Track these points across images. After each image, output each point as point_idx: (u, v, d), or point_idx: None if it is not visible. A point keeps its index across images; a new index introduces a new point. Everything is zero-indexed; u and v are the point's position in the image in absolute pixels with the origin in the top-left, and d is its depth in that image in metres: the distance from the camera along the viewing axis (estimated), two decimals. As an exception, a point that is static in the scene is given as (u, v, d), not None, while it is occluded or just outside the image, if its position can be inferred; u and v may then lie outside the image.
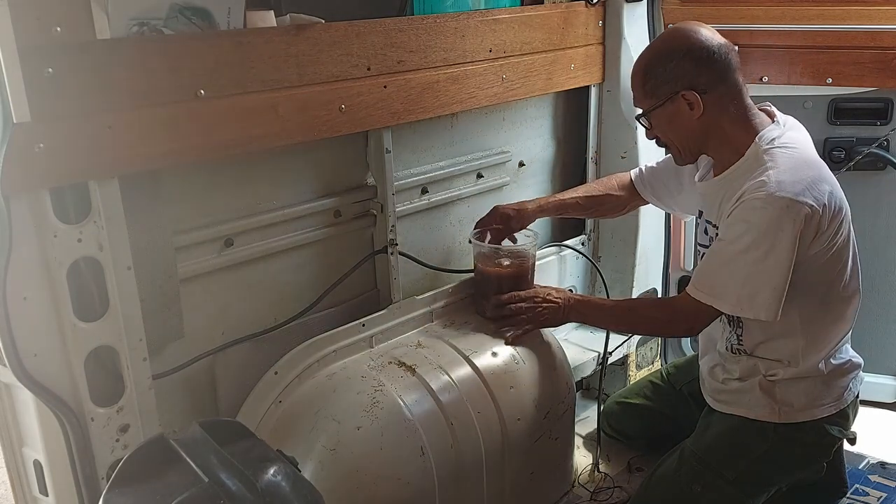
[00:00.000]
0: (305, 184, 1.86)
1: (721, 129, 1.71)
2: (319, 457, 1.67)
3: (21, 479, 1.53)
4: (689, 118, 1.69)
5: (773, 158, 1.64)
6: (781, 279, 1.61)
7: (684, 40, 1.68)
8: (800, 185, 1.60)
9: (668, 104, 1.69)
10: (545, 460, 2.05)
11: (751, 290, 1.63)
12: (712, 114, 1.69)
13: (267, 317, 1.84)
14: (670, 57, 1.68)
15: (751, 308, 1.64)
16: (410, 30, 1.85)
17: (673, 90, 1.67)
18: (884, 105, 2.33)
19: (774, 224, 1.58)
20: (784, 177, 1.61)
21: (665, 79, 1.68)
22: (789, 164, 1.64)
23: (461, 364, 1.92)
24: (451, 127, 2.16)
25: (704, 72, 1.66)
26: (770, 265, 1.60)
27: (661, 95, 1.69)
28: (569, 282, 2.56)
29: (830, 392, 1.77)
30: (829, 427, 1.78)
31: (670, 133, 1.75)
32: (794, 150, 1.68)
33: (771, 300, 1.62)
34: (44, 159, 1.31)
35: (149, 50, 1.43)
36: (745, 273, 1.63)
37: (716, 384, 1.87)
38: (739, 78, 1.69)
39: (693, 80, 1.66)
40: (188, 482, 1.14)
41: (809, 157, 1.69)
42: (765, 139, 1.68)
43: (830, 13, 2.25)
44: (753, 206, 1.60)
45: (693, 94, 1.66)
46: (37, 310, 1.37)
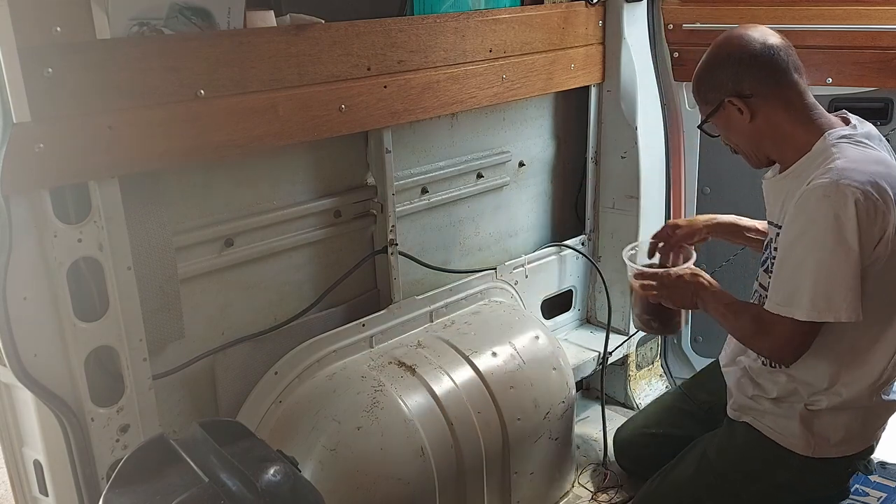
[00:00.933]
0: (305, 184, 1.86)
1: (780, 131, 1.64)
2: (319, 457, 1.67)
3: (21, 479, 1.53)
4: (742, 123, 1.65)
5: (840, 151, 1.56)
6: (855, 271, 1.49)
7: (728, 46, 1.65)
8: (866, 175, 1.50)
9: (721, 111, 1.66)
10: (545, 460, 2.05)
11: (826, 289, 1.50)
12: (766, 116, 1.63)
13: (267, 317, 1.84)
14: (716, 64, 1.65)
15: (829, 309, 1.50)
16: (410, 30, 1.85)
17: (720, 98, 1.65)
18: (884, 105, 2.33)
19: (840, 212, 1.47)
20: (850, 166, 1.51)
21: (712, 86, 1.66)
22: (858, 156, 1.54)
23: (461, 364, 1.92)
24: (451, 127, 2.16)
25: (748, 76, 1.61)
26: (841, 257, 1.48)
27: (713, 101, 1.67)
28: (569, 282, 2.56)
29: (868, 427, 1.69)
30: (857, 462, 1.72)
31: (732, 138, 1.71)
32: (867, 146, 1.59)
33: (850, 296, 1.49)
34: (44, 159, 1.31)
35: (149, 50, 1.43)
36: (815, 270, 1.50)
37: (744, 399, 1.78)
38: (793, 76, 1.62)
39: (737, 86, 1.62)
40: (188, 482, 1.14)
41: (882, 156, 1.60)
42: (834, 135, 1.60)
43: (830, 13, 2.25)
44: (815, 195, 1.51)
45: (737, 99, 1.62)
46: (37, 310, 1.37)
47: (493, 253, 2.37)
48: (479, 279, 2.23)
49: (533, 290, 2.43)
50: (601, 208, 2.54)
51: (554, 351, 2.10)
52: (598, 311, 2.63)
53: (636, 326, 1.98)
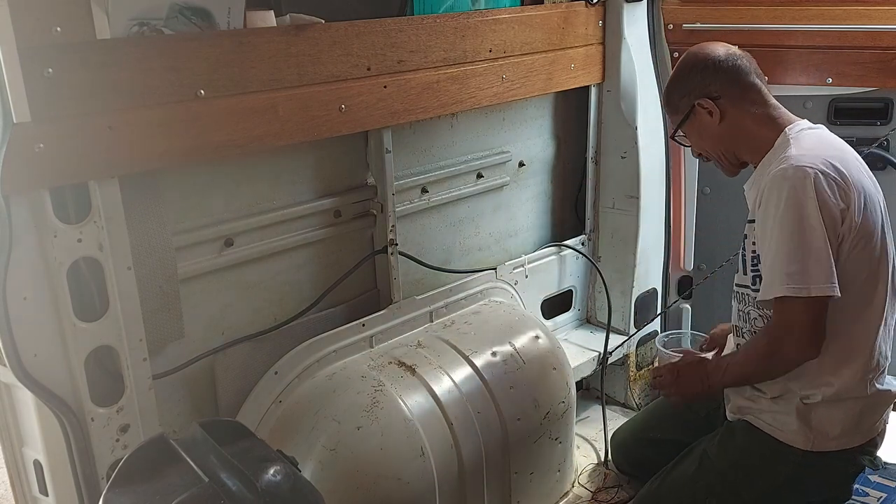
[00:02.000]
0: (305, 184, 1.86)
1: (746, 130, 1.75)
2: (319, 457, 1.67)
3: (21, 479, 1.53)
4: (713, 125, 1.76)
5: (797, 140, 1.67)
6: (822, 246, 1.55)
7: (694, 57, 1.78)
8: (822, 157, 1.61)
9: (692, 116, 1.79)
10: (545, 460, 2.05)
11: (800, 266, 1.56)
12: (733, 116, 1.75)
13: (267, 317, 1.84)
14: (684, 74, 1.79)
15: (805, 283, 1.55)
16: (410, 30, 1.85)
17: (690, 102, 1.77)
18: (884, 105, 2.33)
19: (800, 192, 1.56)
20: (806, 151, 1.63)
21: (681, 94, 1.79)
22: (813, 142, 1.66)
23: (461, 364, 1.92)
24: (451, 127, 2.16)
25: (712, 80, 1.74)
26: (806, 233, 1.56)
27: (683, 108, 1.80)
28: (569, 282, 2.56)
29: (866, 421, 1.70)
30: (860, 457, 1.73)
31: (704, 143, 1.82)
32: (821, 137, 1.70)
33: (822, 269, 1.55)
34: (44, 159, 1.31)
35: (149, 50, 1.43)
36: (787, 249, 1.58)
37: (741, 400, 1.80)
38: (755, 80, 1.75)
39: (705, 89, 1.75)
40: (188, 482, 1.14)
41: (835, 144, 1.70)
42: (794, 130, 1.71)
43: (830, 13, 2.25)
44: (775, 180, 1.61)
45: (707, 100, 1.74)
46: (37, 310, 1.37)
47: (493, 253, 2.37)
48: (479, 279, 2.23)
49: (533, 290, 2.43)
50: (601, 208, 2.54)
51: (554, 351, 2.10)
52: (598, 311, 2.62)
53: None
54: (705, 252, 2.64)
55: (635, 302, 2.54)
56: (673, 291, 2.70)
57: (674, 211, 2.60)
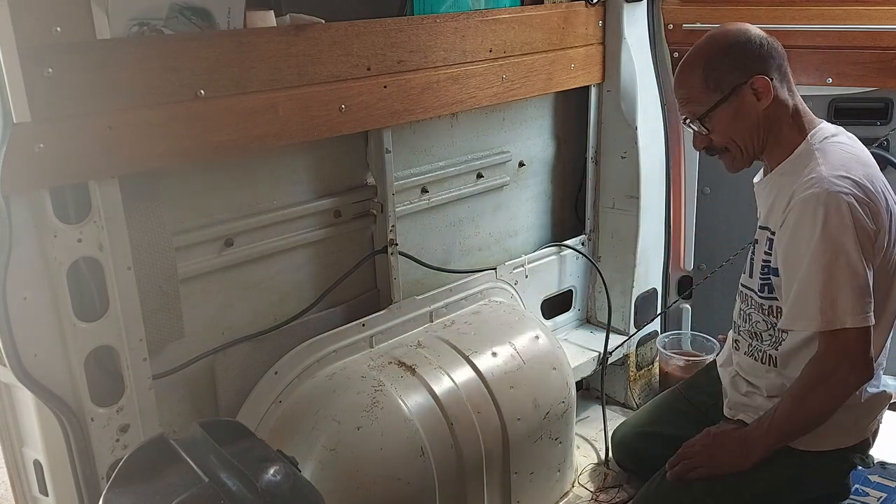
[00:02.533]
0: (305, 184, 1.86)
1: (780, 124, 1.65)
2: (319, 457, 1.67)
3: (21, 479, 1.53)
4: (755, 110, 1.62)
5: (823, 154, 1.58)
6: (860, 277, 1.50)
7: (740, 33, 1.63)
8: (853, 180, 1.53)
9: (734, 97, 1.62)
10: (545, 460, 2.05)
11: (831, 298, 1.51)
12: (777, 104, 1.63)
13: (267, 317, 1.84)
14: (732, 47, 1.62)
15: (836, 316, 1.52)
16: (410, 30, 1.85)
17: (741, 79, 1.61)
18: (884, 105, 2.33)
19: (836, 220, 1.50)
20: (836, 171, 1.54)
21: (731, 68, 1.61)
22: (842, 159, 1.57)
23: (461, 364, 1.92)
24: (451, 127, 2.16)
25: (768, 58, 1.61)
26: (843, 264, 1.50)
27: (727, 87, 1.62)
28: (569, 282, 2.56)
29: (859, 423, 1.71)
30: (852, 456, 1.73)
31: (733, 131, 1.65)
32: (846, 147, 1.62)
33: (855, 302, 1.51)
34: (44, 159, 1.31)
35: (149, 50, 1.43)
36: (820, 281, 1.52)
37: (738, 397, 1.80)
38: (790, 72, 1.66)
39: (761, 66, 1.60)
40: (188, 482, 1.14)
41: (863, 156, 1.63)
42: (817, 137, 1.63)
43: (830, 13, 2.25)
44: (808, 204, 1.53)
45: (763, 78, 1.60)
46: (37, 310, 1.37)
47: (493, 253, 2.37)
48: (479, 279, 2.23)
49: (533, 290, 2.43)
50: (601, 208, 2.54)
51: (554, 351, 2.10)
52: (598, 311, 2.62)
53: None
54: (705, 252, 2.64)
55: (635, 302, 2.54)
56: (673, 291, 2.70)
57: (674, 211, 2.60)
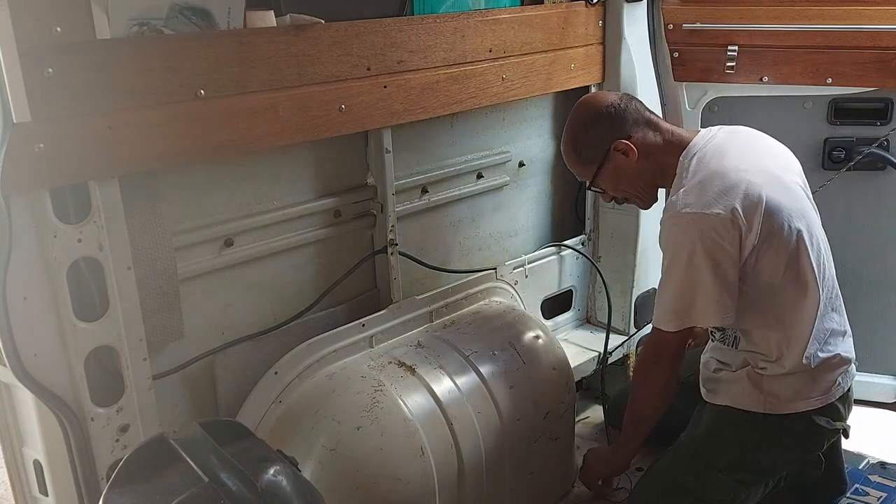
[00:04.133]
0: (305, 184, 1.86)
1: (657, 160, 1.83)
2: (319, 457, 1.67)
3: (21, 479, 1.53)
4: (629, 165, 1.82)
5: (687, 175, 1.75)
6: (709, 286, 1.68)
7: (590, 109, 1.86)
8: (704, 197, 1.69)
9: (606, 163, 1.83)
10: (545, 460, 2.05)
11: (685, 303, 1.72)
12: (645, 151, 1.82)
13: (267, 317, 1.84)
14: (587, 125, 1.84)
15: (690, 318, 1.73)
16: (410, 30, 1.85)
17: (605, 146, 1.82)
18: (884, 105, 2.33)
19: (685, 238, 1.69)
20: (690, 194, 1.71)
21: (595, 142, 1.83)
22: (699, 177, 1.73)
23: (461, 364, 1.92)
24: (451, 127, 2.16)
25: (619, 122, 1.82)
26: (693, 276, 1.69)
27: (597, 157, 1.84)
28: (569, 282, 2.56)
29: (817, 386, 1.78)
30: (817, 418, 1.79)
31: (622, 185, 1.88)
32: (711, 159, 1.76)
33: (706, 307, 1.70)
34: (44, 159, 1.31)
35: (149, 50, 1.43)
36: (674, 289, 1.73)
37: (708, 373, 1.91)
38: (650, 114, 1.86)
39: (616, 132, 1.81)
40: (188, 482, 1.15)
41: (723, 165, 1.74)
42: (687, 156, 1.79)
43: (830, 13, 2.25)
44: (666, 227, 1.75)
45: (622, 142, 1.80)
46: (37, 310, 1.37)
47: (493, 253, 2.37)
48: (479, 279, 2.23)
49: (533, 290, 2.43)
50: (601, 208, 2.54)
51: (554, 351, 2.10)
52: (597, 311, 2.63)
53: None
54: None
55: (635, 302, 2.54)
56: (673, 291, 2.70)
57: (674, 211, 2.59)
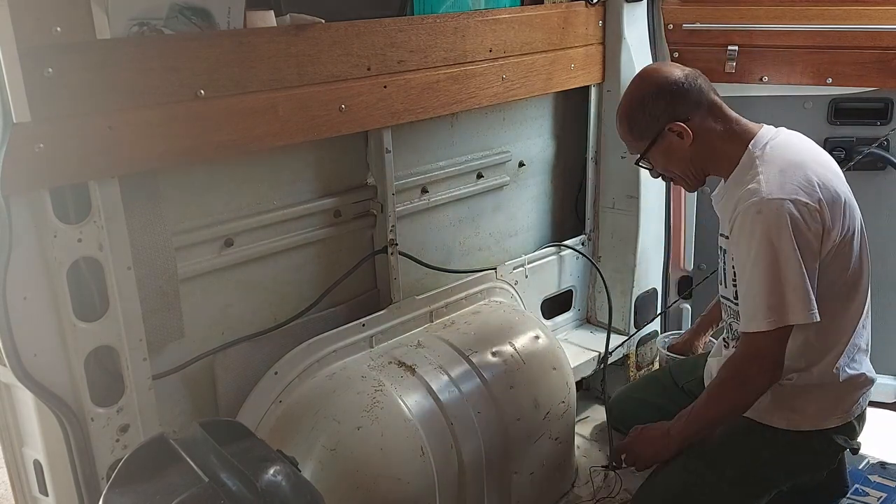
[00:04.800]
0: (305, 184, 1.86)
1: (714, 147, 1.76)
2: (319, 457, 1.67)
3: (21, 479, 1.53)
4: (682, 147, 1.75)
5: (763, 163, 1.68)
6: (799, 278, 1.59)
7: (653, 83, 1.77)
8: (789, 185, 1.62)
9: (659, 141, 1.76)
10: (545, 460, 2.05)
11: (777, 299, 1.61)
12: (702, 136, 1.75)
13: (267, 317, 1.84)
14: (644, 100, 1.76)
15: (783, 315, 1.62)
16: (410, 30, 1.85)
17: (659, 127, 1.75)
18: (884, 105, 2.33)
19: (772, 225, 1.60)
20: (773, 180, 1.64)
21: (649, 119, 1.75)
22: (779, 166, 1.67)
23: (461, 364, 1.92)
24: (451, 127, 2.16)
25: (680, 102, 1.74)
26: (783, 267, 1.60)
27: (649, 135, 1.76)
28: (569, 282, 2.56)
29: (840, 405, 1.75)
30: (836, 437, 1.77)
31: (671, 166, 1.81)
32: (785, 151, 1.71)
33: (797, 301, 1.60)
34: (44, 159, 1.31)
35: (149, 50, 1.43)
36: (765, 283, 1.62)
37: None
38: (714, 97, 1.77)
39: (674, 112, 1.73)
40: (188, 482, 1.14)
41: (800, 157, 1.70)
42: (757, 145, 1.73)
43: (830, 13, 2.25)
44: (749, 214, 1.64)
45: (677, 124, 1.73)
46: (37, 310, 1.37)
47: (493, 253, 2.37)
48: (479, 279, 2.23)
49: (533, 290, 2.43)
50: (601, 208, 2.54)
51: (554, 351, 2.10)
52: (598, 311, 2.63)
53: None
54: (705, 252, 2.64)
55: (635, 302, 2.55)
56: (673, 291, 2.70)
57: (674, 211, 2.60)
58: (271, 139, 1.64)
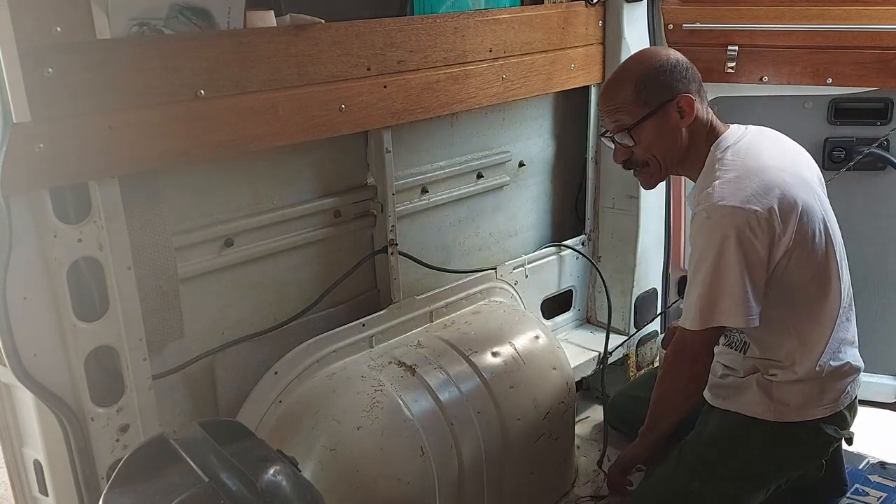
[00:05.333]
0: (305, 184, 1.86)
1: (697, 140, 1.75)
2: (319, 457, 1.67)
3: (21, 479, 1.53)
4: (677, 126, 1.73)
5: (722, 167, 1.69)
6: (738, 285, 1.62)
7: (669, 53, 1.76)
8: (742, 192, 1.62)
9: (660, 113, 1.72)
10: (545, 460, 2.05)
11: (710, 301, 1.65)
12: (697, 121, 1.74)
13: (267, 317, 1.84)
14: (663, 66, 1.72)
15: (713, 317, 1.66)
16: (410, 30, 1.85)
17: (668, 96, 1.71)
18: (884, 105, 2.33)
19: (719, 232, 1.61)
20: (727, 187, 1.64)
21: (661, 86, 1.71)
22: (735, 172, 1.67)
23: (461, 364, 1.92)
24: (451, 127, 2.16)
25: (693, 80, 1.74)
26: (722, 273, 1.62)
27: (655, 103, 1.71)
28: (569, 282, 2.56)
29: (826, 395, 1.76)
30: (825, 426, 1.78)
31: (655, 146, 1.75)
32: (746, 155, 1.71)
33: (732, 307, 1.64)
34: (44, 159, 1.31)
35: (149, 50, 1.43)
36: (702, 286, 1.66)
37: (714, 379, 1.87)
38: (704, 94, 1.78)
39: (686, 87, 1.72)
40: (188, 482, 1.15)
41: (759, 163, 1.69)
42: (721, 147, 1.73)
43: (830, 13, 2.25)
44: (700, 219, 1.66)
45: (689, 97, 1.71)
46: (37, 310, 1.37)
47: (493, 253, 2.37)
48: (479, 279, 2.23)
49: (533, 290, 2.43)
50: (601, 208, 2.54)
51: (554, 351, 2.10)
52: (598, 311, 2.63)
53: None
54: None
55: (635, 302, 2.55)
56: (673, 291, 2.70)
57: (674, 211, 2.59)
58: (271, 139, 1.64)
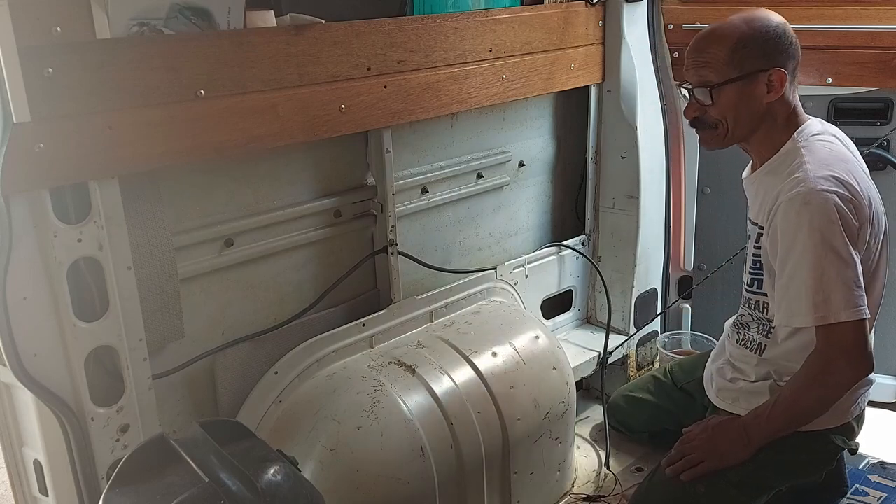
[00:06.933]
0: (305, 184, 1.86)
1: (775, 120, 1.68)
2: (319, 457, 1.67)
3: (21, 479, 1.53)
4: (760, 99, 1.64)
5: (809, 152, 1.62)
6: (850, 271, 1.53)
7: (780, 24, 1.66)
8: (837, 177, 1.57)
9: (748, 80, 1.63)
10: (545, 460, 2.05)
11: (824, 295, 1.54)
12: (781, 101, 1.66)
13: (267, 317, 1.84)
14: (769, 33, 1.64)
15: (830, 311, 1.54)
16: (410, 30, 1.85)
17: (763, 66, 1.63)
18: (884, 105, 2.33)
19: (823, 216, 1.53)
20: (820, 169, 1.57)
21: (760, 53, 1.63)
22: (825, 157, 1.61)
23: (461, 364, 1.92)
24: (451, 127, 2.16)
25: (789, 57, 1.65)
26: (832, 260, 1.53)
27: (748, 68, 1.63)
28: (569, 282, 2.56)
29: (839, 406, 1.71)
30: (834, 437, 1.76)
31: (732, 111, 1.66)
32: (831, 144, 1.66)
33: (847, 296, 1.53)
34: (44, 159, 1.31)
35: (149, 50, 1.43)
36: (811, 277, 1.55)
37: (723, 382, 1.86)
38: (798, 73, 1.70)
39: (784, 62, 1.63)
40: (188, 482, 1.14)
41: (846, 155, 1.66)
42: (804, 134, 1.66)
43: (830, 13, 2.25)
44: (794, 203, 1.56)
45: (782, 72, 1.62)
46: (37, 310, 1.37)
47: (493, 253, 2.37)
48: (479, 279, 2.23)
49: (533, 290, 2.43)
50: (601, 208, 2.54)
51: (554, 351, 2.10)
52: (597, 311, 2.62)
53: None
54: (705, 252, 2.64)
55: (635, 302, 2.54)
56: (673, 291, 2.70)
57: (674, 211, 2.60)
58: (271, 139, 1.64)
